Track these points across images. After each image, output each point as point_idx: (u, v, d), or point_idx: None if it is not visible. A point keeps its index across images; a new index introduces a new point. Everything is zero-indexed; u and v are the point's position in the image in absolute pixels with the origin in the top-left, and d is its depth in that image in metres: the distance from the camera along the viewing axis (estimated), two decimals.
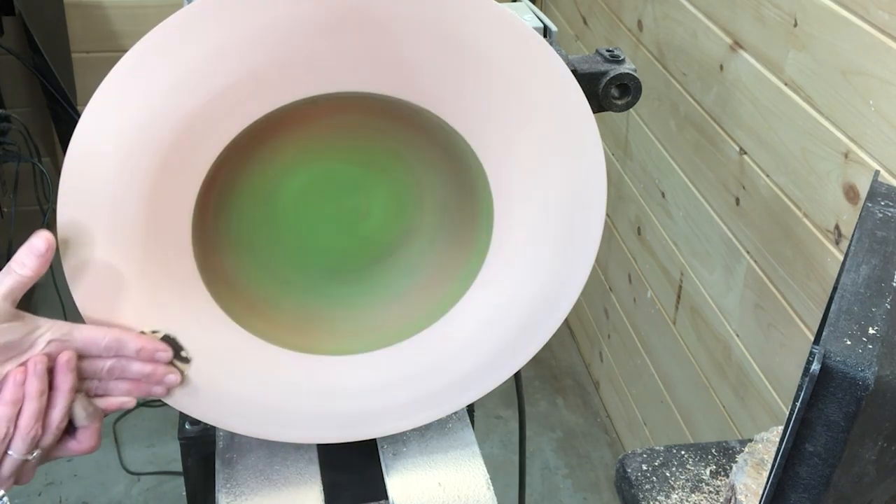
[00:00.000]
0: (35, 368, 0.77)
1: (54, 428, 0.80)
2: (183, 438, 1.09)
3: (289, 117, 0.83)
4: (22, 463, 0.78)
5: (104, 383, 0.84)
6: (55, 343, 0.79)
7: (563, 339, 2.50)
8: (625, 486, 0.95)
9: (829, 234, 1.20)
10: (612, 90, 1.00)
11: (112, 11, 2.33)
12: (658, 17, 1.73)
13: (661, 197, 1.80)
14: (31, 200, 2.02)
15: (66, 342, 0.80)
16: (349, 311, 0.98)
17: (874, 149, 1.10)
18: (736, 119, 1.44)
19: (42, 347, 0.79)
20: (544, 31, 1.01)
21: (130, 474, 2.01)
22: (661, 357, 1.87)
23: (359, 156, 0.90)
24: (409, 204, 0.94)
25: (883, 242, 0.70)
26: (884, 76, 1.07)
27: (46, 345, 0.79)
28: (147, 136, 0.78)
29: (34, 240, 0.77)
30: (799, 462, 0.63)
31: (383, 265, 0.97)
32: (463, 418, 1.09)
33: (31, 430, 0.78)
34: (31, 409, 0.77)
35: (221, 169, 0.83)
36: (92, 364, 0.83)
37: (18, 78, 2.24)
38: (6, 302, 0.77)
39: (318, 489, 0.99)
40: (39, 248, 0.77)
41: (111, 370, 0.83)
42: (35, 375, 0.77)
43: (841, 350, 0.59)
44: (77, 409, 0.81)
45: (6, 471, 0.78)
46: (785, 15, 1.27)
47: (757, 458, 0.89)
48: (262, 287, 0.94)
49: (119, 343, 0.83)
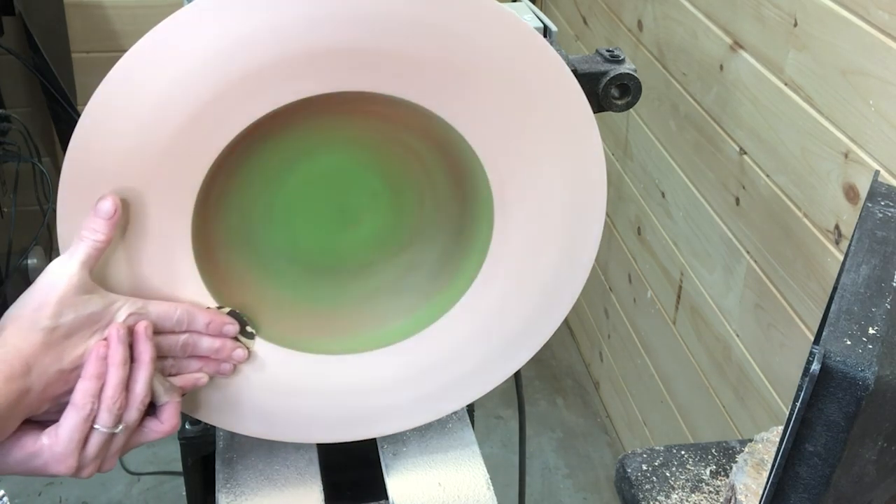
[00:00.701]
0: (118, 335, 0.78)
1: (138, 402, 0.80)
2: (183, 438, 1.09)
3: (288, 116, 0.83)
4: (108, 439, 0.78)
5: (178, 361, 0.85)
6: (133, 316, 0.80)
7: (563, 339, 2.50)
8: (625, 486, 0.95)
9: (829, 234, 1.20)
10: (612, 90, 1.00)
11: (112, 11, 2.33)
12: (658, 17, 1.73)
13: (661, 197, 1.80)
14: (31, 200, 2.02)
15: (142, 315, 0.81)
16: (348, 310, 0.98)
17: (874, 149, 1.10)
18: (736, 119, 1.44)
19: (122, 320, 0.79)
20: (544, 31, 1.01)
21: (130, 474, 2.01)
22: (661, 357, 1.87)
23: (359, 155, 0.90)
24: (409, 203, 0.94)
25: (883, 242, 0.70)
26: (884, 76, 1.07)
27: (126, 317, 0.79)
28: (147, 135, 0.78)
29: (101, 203, 0.77)
30: (799, 462, 0.63)
31: (383, 264, 0.97)
32: (463, 418, 1.09)
33: (116, 400, 0.77)
34: (115, 378, 0.77)
35: (220, 169, 0.83)
36: (166, 340, 0.83)
37: (18, 78, 2.23)
38: (84, 270, 0.77)
39: (318, 489, 0.99)
40: (108, 211, 0.77)
41: (184, 346, 0.84)
42: (119, 342, 0.78)
43: (841, 350, 0.59)
44: (157, 386, 0.82)
45: (92, 448, 0.78)
46: (785, 15, 1.27)
47: (757, 458, 0.89)
48: (261, 285, 0.94)
49: (190, 316, 0.84)
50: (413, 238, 0.96)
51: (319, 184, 0.90)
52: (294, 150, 0.88)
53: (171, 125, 0.78)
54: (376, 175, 0.92)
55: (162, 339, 0.83)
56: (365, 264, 0.97)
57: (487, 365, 0.98)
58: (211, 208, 0.86)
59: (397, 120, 0.87)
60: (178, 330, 0.84)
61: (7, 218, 2.01)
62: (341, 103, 0.84)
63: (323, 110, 0.84)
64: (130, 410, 0.79)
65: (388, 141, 0.90)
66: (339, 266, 0.96)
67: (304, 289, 0.96)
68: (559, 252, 0.94)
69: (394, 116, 0.87)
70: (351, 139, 0.89)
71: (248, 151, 0.85)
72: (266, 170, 0.88)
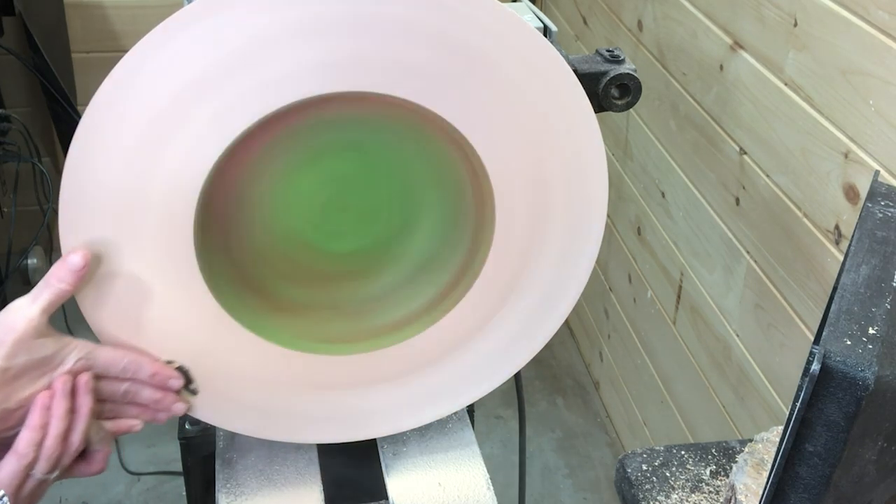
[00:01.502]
0: (63, 388, 0.79)
1: (73, 450, 0.81)
2: (183, 438, 1.09)
3: (290, 116, 0.83)
4: (40, 483, 0.80)
5: (116, 406, 0.86)
6: (81, 361, 0.81)
7: (563, 339, 2.50)
8: (625, 486, 0.95)
9: (829, 234, 1.20)
10: (612, 90, 1.00)
11: (112, 11, 2.33)
12: (658, 17, 1.73)
13: (661, 197, 1.80)
14: (31, 200, 2.02)
15: (90, 361, 0.82)
16: (349, 311, 0.98)
17: (874, 149, 1.10)
18: (736, 119, 1.44)
19: (70, 365, 0.80)
20: (544, 31, 1.01)
21: (130, 474, 2.01)
22: (661, 357, 1.87)
23: (361, 155, 0.90)
24: (411, 203, 0.94)
25: (883, 242, 0.70)
26: (884, 76, 1.07)
27: (75, 363, 0.81)
28: (148, 135, 0.78)
29: (72, 257, 0.79)
30: (799, 462, 0.63)
31: (384, 264, 0.97)
32: (463, 418, 1.09)
33: (55, 450, 0.79)
34: (56, 430, 0.79)
35: (223, 168, 0.83)
36: (109, 385, 0.84)
37: (18, 78, 2.23)
38: (44, 316, 0.79)
39: (318, 489, 0.99)
40: (77, 265, 0.79)
41: (125, 393, 0.86)
42: (62, 395, 0.79)
43: (841, 350, 0.59)
44: (92, 435, 0.83)
45: (26, 491, 0.79)
46: (785, 15, 1.27)
47: (757, 458, 0.89)
48: (264, 286, 0.94)
49: (136, 366, 0.85)
50: (414, 238, 0.96)
51: (321, 186, 0.90)
52: (295, 150, 0.88)
53: (171, 126, 0.78)
54: (377, 176, 0.92)
55: (105, 383, 0.84)
56: (367, 266, 0.97)
57: (488, 365, 0.98)
58: (213, 211, 0.86)
59: (399, 120, 0.87)
60: (123, 377, 0.85)
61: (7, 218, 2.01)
62: (341, 104, 0.84)
63: (324, 111, 0.84)
64: (65, 458, 0.81)
65: (389, 141, 0.90)
66: (342, 267, 0.96)
67: (304, 290, 0.96)
68: (559, 252, 0.94)
69: (395, 116, 0.87)
70: (352, 140, 0.89)
71: (249, 155, 0.85)
72: (268, 170, 0.88)
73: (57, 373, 0.80)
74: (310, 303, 0.96)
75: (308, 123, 0.85)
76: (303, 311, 0.96)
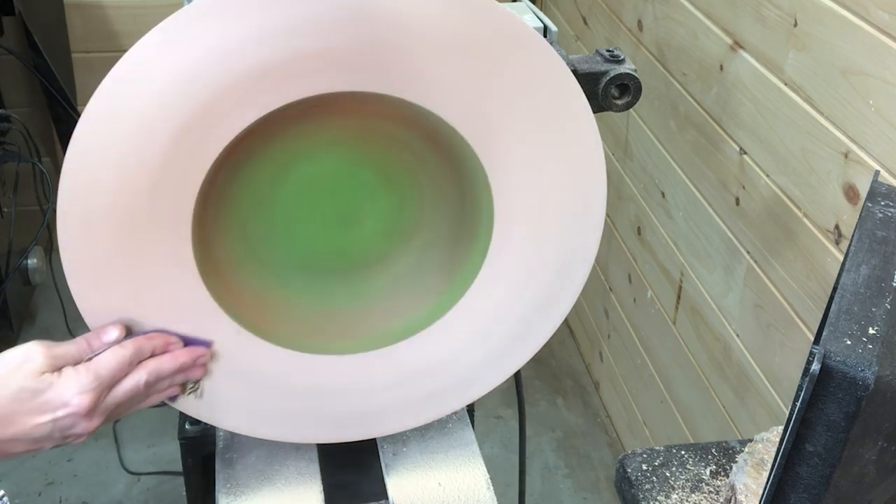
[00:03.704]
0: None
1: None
2: (183, 438, 1.09)
3: (288, 117, 0.83)
4: (138, 391, 0.84)
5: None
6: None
7: (563, 339, 2.50)
8: (625, 486, 0.95)
9: (829, 234, 1.20)
10: (612, 90, 1.00)
11: (112, 11, 2.33)
12: (658, 17, 1.73)
13: (661, 197, 1.80)
14: (31, 200, 2.02)
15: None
16: (349, 311, 0.98)
17: (874, 149, 1.10)
18: (736, 119, 1.44)
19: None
20: (544, 31, 1.01)
21: (130, 474, 2.01)
22: (661, 357, 1.87)
23: (360, 155, 0.90)
24: (410, 203, 0.94)
25: (883, 242, 0.70)
26: (884, 76, 1.06)
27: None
28: (148, 134, 0.78)
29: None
30: (799, 462, 0.63)
31: (384, 264, 0.97)
32: (463, 418, 1.09)
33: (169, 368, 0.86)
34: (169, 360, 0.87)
35: (222, 167, 0.83)
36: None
37: (18, 78, 2.24)
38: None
39: (318, 489, 0.99)
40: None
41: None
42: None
43: (841, 350, 0.59)
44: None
45: (120, 392, 0.83)
46: (785, 15, 1.27)
47: (757, 458, 0.89)
48: (262, 285, 0.94)
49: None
50: (413, 238, 0.96)
51: (320, 185, 0.90)
52: (293, 150, 0.88)
53: (169, 127, 0.78)
54: (376, 176, 0.92)
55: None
56: (366, 266, 0.97)
57: (487, 365, 0.98)
58: (210, 215, 0.86)
59: (398, 120, 0.87)
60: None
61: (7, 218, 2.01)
62: (341, 104, 0.84)
63: (322, 111, 0.84)
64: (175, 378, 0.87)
65: (388, 142, 0.90)
66: (342, 268, 0.96)
67: (304, 290, 0.96)
68: (559, 252, 0.94)
69: (394, 117, 0.87)
70: (350, 140, 0.89)
71: (242, 160, 0.85)
72: (267, 169, 0.88)
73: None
74: (310, 303, 0.96)
75: (307, 123, 0.85)
76: (303, 310, 0.96)
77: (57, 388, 0.78)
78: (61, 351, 0.81)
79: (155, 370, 0.84)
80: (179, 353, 0.87)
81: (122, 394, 0.82)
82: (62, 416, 0.79)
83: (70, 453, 2.05)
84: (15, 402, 0.77)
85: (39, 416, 0.78)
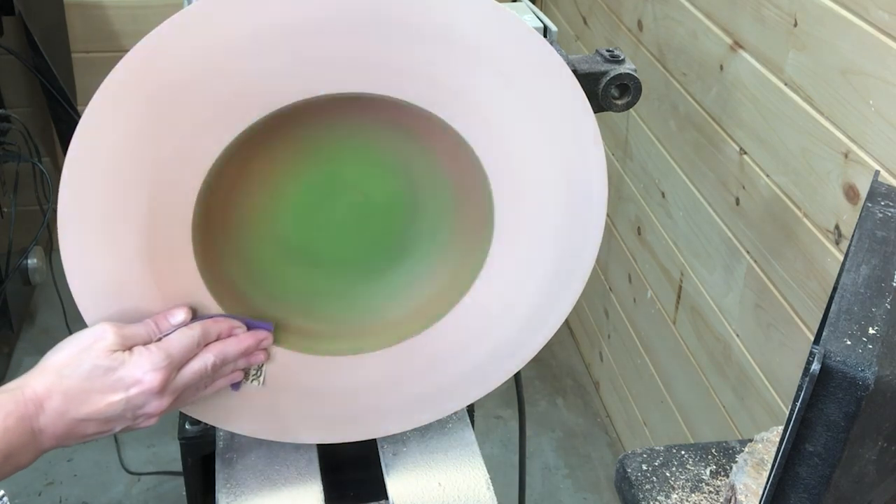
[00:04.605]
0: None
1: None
2: (183, 438, 1.09)
3: (289, 117, 0.83)
4: (205, 373, 0.85)
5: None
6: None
7: (563, 339, 2.50)
8: (625, 486, 0.95)
9: (829, 234, 1.20)
10: (612, 90, 1.00)
11: (112, 11, 2.33)
12: (658, 17, 1.73)
13: (661, 197, 1.80)
14: (31, 200, 2.02)
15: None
16: (350, 311, 0.98)
17: (874, 149, 1.10)
18: (736, 119, 1.44)
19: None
20: (544, 31, 1.01)
21: (130, 474, 2.01)
22: (661, 357, 1.87)
23: (361, 156, 0.90)
24: (411, 204, 0.94)
25: (883, 242, 0.70)
26: (884, 76, 1.06)
27: None
28: (148, 134, 0.78)
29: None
30: (799, 462, 0.63)
31: (384, 265, 0.97)
32: (463, 418, 1.09)
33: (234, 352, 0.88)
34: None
35: (224, 167, 0.83)
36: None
37: (18, 78, 2.23)
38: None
39: (318, 489, 0.99)
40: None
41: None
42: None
43: (841, 350, 0.59)
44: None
45: (189, 373, 0.84)
46: (785, 15, 1.27)
47: (757, 458, 0.89)
48: (263, 285, 0.94)
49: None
50: (414, 240, 0.96)
51: (322, 186, 0.90)
52: (295, 151, 0.88)
53: (168, 128, 0.78)
54: (378, 177, 0.92)
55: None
56: (370, 267, 0.97)
57: (488, 365, 0.98)
58: (214, 207, 0.86)
59: (399, 120, 0.87)
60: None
61: (7, 218, 2.01)
62: (341, 105, 0.84)
63: (323, 112, 0.84)
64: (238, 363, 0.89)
65: (389, 142, 0.90)
66: (344, 269, 0.96)
67: (305, 290, 0.96)
68: (559, 252, 0.94)
69: (395, 117, 0.87)
70: (351, 140, 0.89)
71: (244, 160, 0.85)
72: (268, 170, 0.88)
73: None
74: (311, 303, 0.96)
75: (307, 124, 0.85)
76: (303, 310, 0.96)
77: (129, 365, 0.79)
78: (131, 331, 0.81)
79: (221, 352, 0.85)
80: (244, 336, 0.88)
81: (190, 374, 0.83)
82: (135, 394, 0.79)
83: (70, 453, 2.05)
84: (88, 381, 0.78)
85: (112, 394, 0.78)
